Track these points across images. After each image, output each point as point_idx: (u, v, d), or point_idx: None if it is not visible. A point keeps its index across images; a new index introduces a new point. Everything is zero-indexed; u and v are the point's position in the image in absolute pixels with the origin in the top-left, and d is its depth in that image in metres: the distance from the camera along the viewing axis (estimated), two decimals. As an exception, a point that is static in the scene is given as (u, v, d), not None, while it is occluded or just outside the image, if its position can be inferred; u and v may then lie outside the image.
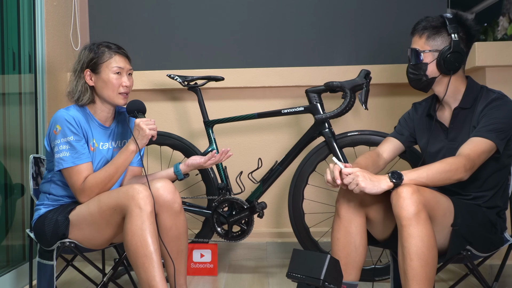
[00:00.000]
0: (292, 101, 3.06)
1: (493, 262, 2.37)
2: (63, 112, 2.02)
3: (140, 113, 2.09)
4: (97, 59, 2.06)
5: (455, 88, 1.98)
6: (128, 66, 2.11)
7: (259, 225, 3.06)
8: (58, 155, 1.99)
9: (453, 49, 1.89)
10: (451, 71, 1.92)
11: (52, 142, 2.03)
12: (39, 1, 2.68)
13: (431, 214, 1.75)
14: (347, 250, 1.90)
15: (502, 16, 2.80)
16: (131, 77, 2.14)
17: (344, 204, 1.92)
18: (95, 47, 2.09)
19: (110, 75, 2.05)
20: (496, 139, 1.84)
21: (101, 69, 2.06)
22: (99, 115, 2.11)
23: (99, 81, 2.06)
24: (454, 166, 1.77)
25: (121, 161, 2.02)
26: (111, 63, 2.06)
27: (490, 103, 1.90)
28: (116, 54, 2.08)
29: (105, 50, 2.07)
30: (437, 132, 2.04)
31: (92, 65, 2.06)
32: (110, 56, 2.07)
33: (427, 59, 1.94)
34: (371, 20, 3.11)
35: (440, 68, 1.93)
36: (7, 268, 2.43)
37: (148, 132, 2.01)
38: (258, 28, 3.14)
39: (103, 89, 2.06)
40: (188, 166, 2.22)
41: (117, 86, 2.06)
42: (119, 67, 2.07)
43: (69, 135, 1.99)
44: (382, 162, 2.09)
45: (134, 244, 1.86)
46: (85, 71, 2.07)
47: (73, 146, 1.98)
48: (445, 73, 1.93)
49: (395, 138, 2.14)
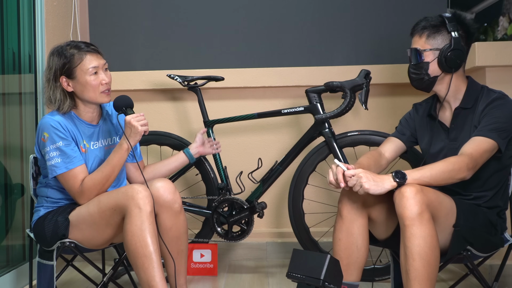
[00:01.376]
0: (292, 101, 3.06)
1: (493, 262, 2.37)
2: (48, 118, 1.99)
3: (128, 108, 2.05)
4: (70, 64, 1.99)
5: (456, 88, 1.98)
6: (102, 62, 2.04)
7: (259, 225, 3.05)
8: (50, 162, 1.97)
9: (454, 47, 1.90)
10: (452, 68, 1.93)
11: (42, 149, 2.01)
12: (39, 1, 2.68)
13: (434, 214, 1.75)
14: (348, 251, 1.90)
15: (502, 16, 2.80)
16: (108, 72, 2.07)
17: (347, 204, 1.91)
18: (63, 51, 2.01)
19: (87, 77, 1.99)
20: (497, 138, 1.84)
21: (76, 73, 2.00)
22: (84, 116, 2.08)
23: (78, 85, 2.01)
24: (457, 165, 1.77)
25: (116, 160, 2.01)
26: (85, 65, 1.99)
27: (491, 103, 1.90)
28: (87, 53, 2.01)
29: (74, 52, 2.00)
30: (438, 132, 2.04)
31: (66, 70, 2.00)
32: (81, 57, 1.99)
33: (428, 58, 1.94)
34: (371, 20, 3.11)
35: (442, 66, 1.93)
36: (7, 268, 2.43)
37: (140, 129, 1.98)
38: (258, 28, 3.14)
39: (84, 92, 2.02)
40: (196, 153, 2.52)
41: (97, 86, 2.01)
42: (94, 66, 2.00)
43: (58, 141, 1.96)
44: (385, 161, 2.09)
45: (133, 244, 1.85)
46: (61, 78, 2.01)
47: (63, 152, 1.96)
48: (447, 71, 1.94)
49: (397, 138, 2.14)
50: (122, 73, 3.01)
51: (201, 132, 2.59)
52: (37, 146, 2.05)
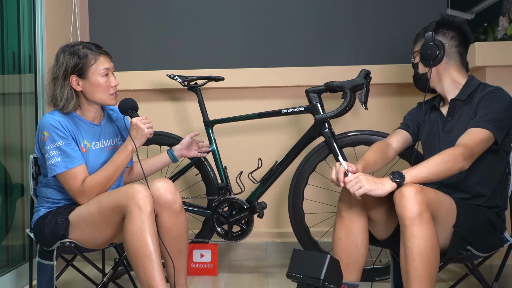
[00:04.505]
0: (292, 101, 3.06)
1: (493, 262, 2.37)
2: (48, 117, 2.00)
3: (134, 111, 2.09)
4: (83, 64, 2.01)
5: (454, 82, 2.04)
6: (111, 65, 2.09)
7: (259, 225, 3.06)
8: (50, 162, 1.97)
9: (426, 41, 2.04)
10: (430, 61, 2.03)
11: (41, 149, 2.02)
12: (39, 1, 2.68)
13: (434, 214, 1.75)
14: (348, 250, 1.91)
15: (502, 16, 2.80)
16: (114, 75, 2.11)
17: (346, 204, 1.92)
18: (75, 50, 2.02)
19: (99, 79, 2.03)
20: (493, 129, 1.85)
21: (88, 73, 2.01)
22: (86, 115, 2.10)
23: (88, 85, 2.03)
24: (453, 156, 1.78)
25: (120, 161, 2.02)
26: (99, 66, 2.02)
27: (487, 95, 1.94)
28: (100, 55, 2.04)
29: (87, 53, 2.02)
30: (437, 126, 2.07)
31: (78, 70, 2.01)
32: (95, 58, 2.02)
33: (416, 59, 2.12)
34: (371, 20, 3.11)
35: (424, 62, 2.06)
36: (7, 268, 2.43)
37: (146, 131, 2.02)
38: (258, 28, 3.14)
39: (94, 93, 2.04)
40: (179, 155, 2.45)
41: (107, 88, 2.05)
42: (106, 68, 2.04)
43: (58, 140, 1.97)
44: (392, 152, 2.12)
45: (133, 244, 1.86)
46: (71, 76, 2.01)
47: (63, 151, 1.97)
48: (427, 65, 2.06)
49: (403, 129, 2.19)
50: (122, 73, 3.01)
51: (191, 135, 2.52)
52: (37, 145, 2.06)
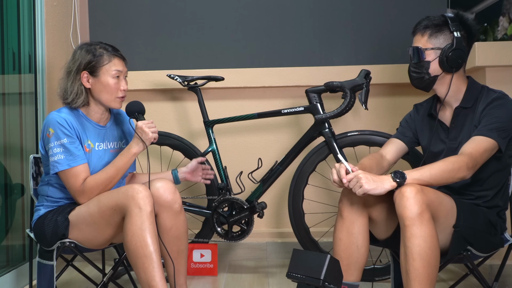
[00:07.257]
0: (292, 101, 3.06)
1: (493, 262, 2.37)
2: (55, 114, 2.01)
3: (140, 114, 2.09)
4: (96, 62, 2.03)
5: (456, 88, 1.98)
6: (125, 69, 2.10)
7: (259, 225, 3.05)
8: (53, 158, 1.97)
9: (455, 46, 1.90)
10: (453, 68, 1.92)
11: (46, 145, 2.02)
12: (39, 1, 2.68)
13: (434, 214, 1.75)
14: (349, 251, 1.90)
15: (502, 16, 2.80)
16: (126, 80, 2.12)
17: (347, 204, 1.91)
18: (92, 48, 2.05)
19: (110, 79, 2.04)
20: (498, 138, 1.84)
21: (100, 72, 2.04)
22: (92, 116, 2.10)
23: (97, 84, 2.05)
24: (457, 164, 1.77)
25: (122, 163, 2.03)
26: (111, 67, 2.04)
27: (491, 103, 1.90)
28: (115, 57, 2.06)
29: (103, 53, 2.04)
30: (438, 132, 2.04)
31: (91, 67, 2.03)
32: (109, 59, 2.04)
33: (429, 57, 1.94)
34: (371, 20, 3.11)
35: (443, 66, 1.93)
36: (7, 268, 2.43)
37: (151, 135, 2.01)
38: (258, 28, 3.14)
39: (101, 92, 2.05)
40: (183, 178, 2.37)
41: (115, 91, 2.06)
42: (118, 70, 2.05)
43: (63, 138, 1.97)
44: (386, 163, 2.09)
45: (133, 244, 1.85)
46: (82, 72, 2.04)
47: (67, 149, 1.97)
48: (448, 71, 1.94)
49: (399, 139, 2.14)
50: (122, 73, 3.01)
51: (198, 160, 2.44)
52: (41, 141, 2.07)
